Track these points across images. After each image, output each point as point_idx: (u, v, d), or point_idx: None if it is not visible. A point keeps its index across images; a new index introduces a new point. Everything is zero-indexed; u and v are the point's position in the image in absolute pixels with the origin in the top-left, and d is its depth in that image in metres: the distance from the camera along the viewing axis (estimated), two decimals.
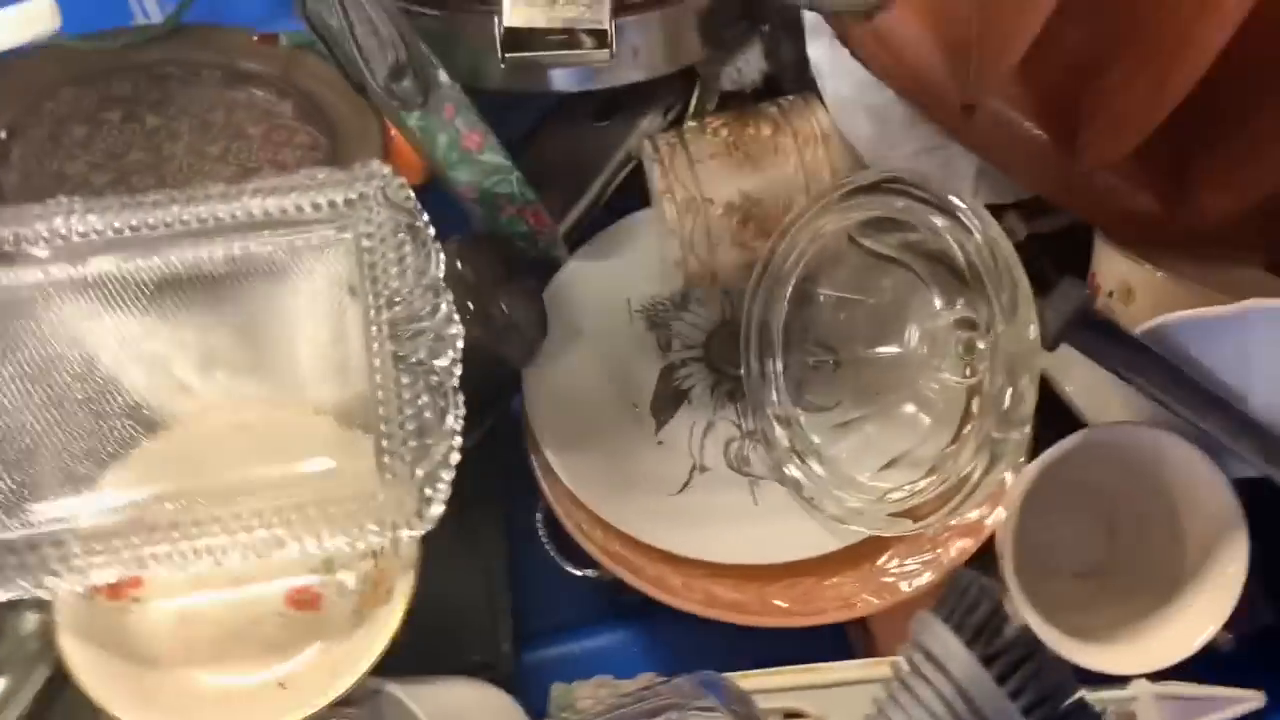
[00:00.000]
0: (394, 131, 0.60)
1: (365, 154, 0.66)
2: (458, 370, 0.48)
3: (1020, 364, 0.49)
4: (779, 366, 0.60)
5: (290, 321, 0.53)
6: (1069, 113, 0.50)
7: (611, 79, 0.60)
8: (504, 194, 0.55)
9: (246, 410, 0.52)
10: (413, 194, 0.52)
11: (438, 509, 0.47)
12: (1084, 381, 0.54)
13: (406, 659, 0.53)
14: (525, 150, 0.70)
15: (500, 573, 0.59)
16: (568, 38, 0.53)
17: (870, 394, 0.60)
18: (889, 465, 0.57)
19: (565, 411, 0.61)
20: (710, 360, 0.65)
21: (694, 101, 0.68)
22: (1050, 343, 0.47)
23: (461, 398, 0.48)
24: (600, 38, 0.52)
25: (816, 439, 0.59)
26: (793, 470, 0.58)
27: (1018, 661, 0.37)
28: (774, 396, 0.60)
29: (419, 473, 0.48)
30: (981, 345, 0.53)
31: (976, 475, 0.51)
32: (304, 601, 0.52)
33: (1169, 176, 0.50)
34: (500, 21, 0.51)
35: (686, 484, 0.60)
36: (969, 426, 0.54)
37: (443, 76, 0.50)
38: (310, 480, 0.49)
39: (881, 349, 0.61)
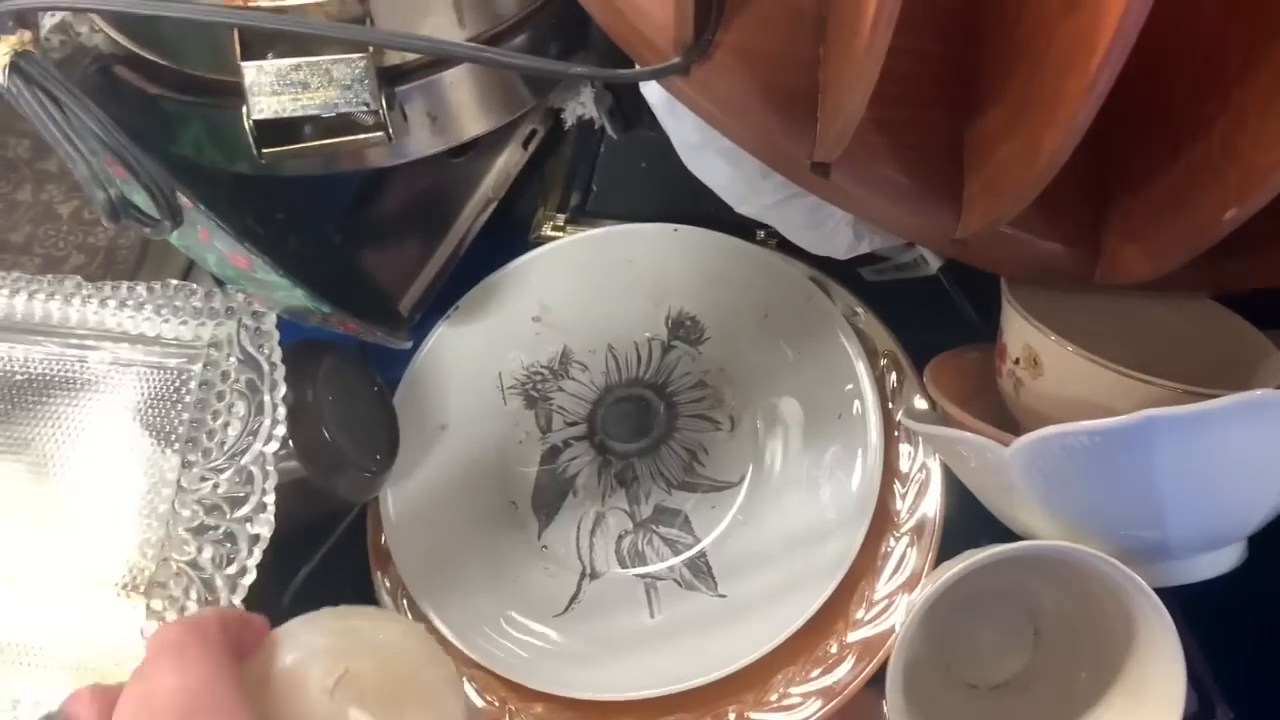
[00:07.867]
0: None
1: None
2: (246, 580, 0.41)
3: None
4: None
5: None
6: (947, 161, 0.40)
7: (433, 144, 0.50)
8: (298, 308, 0.47)
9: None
10: (276, 346, 0.45)
11: None
12: None
13: None
14: (372, 197, 0.61)
15: None
16: (338, 120, 0.43)
17: None
18: None
19: (427, 523, 0.53)
20: (595, 437, 0.56)
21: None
22: None
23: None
24: (375, 116, 0.43)
25: None
26: None
27: None
28: None
29: None
30: None
31: None
32: None
33: (1079, 227, 0.41)
34: (249, 114, 0.42)
35: (574, 599, 0.53)
36: None
37: (184, 199, 0.40)
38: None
39: None
